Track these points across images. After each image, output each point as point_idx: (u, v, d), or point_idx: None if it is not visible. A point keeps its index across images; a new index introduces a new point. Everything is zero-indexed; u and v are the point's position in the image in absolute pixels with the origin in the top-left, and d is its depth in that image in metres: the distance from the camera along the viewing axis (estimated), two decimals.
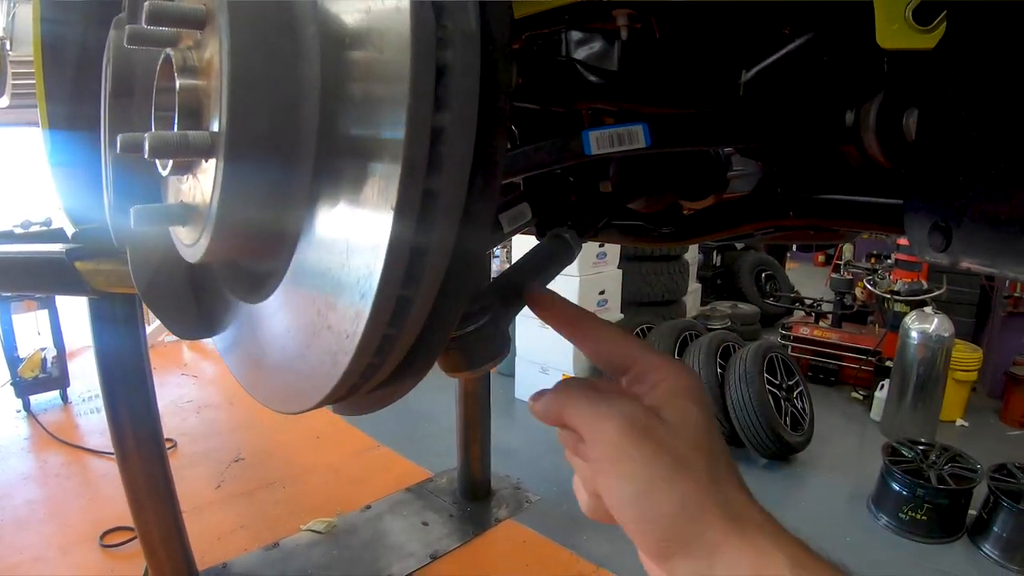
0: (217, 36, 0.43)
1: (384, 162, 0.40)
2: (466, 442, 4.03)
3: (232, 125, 0.42)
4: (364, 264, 0.41)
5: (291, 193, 0.46)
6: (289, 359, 0.54)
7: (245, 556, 3.42)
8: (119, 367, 2.49)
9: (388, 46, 0.38)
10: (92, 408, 5.75)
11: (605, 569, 3.40)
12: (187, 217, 0.51)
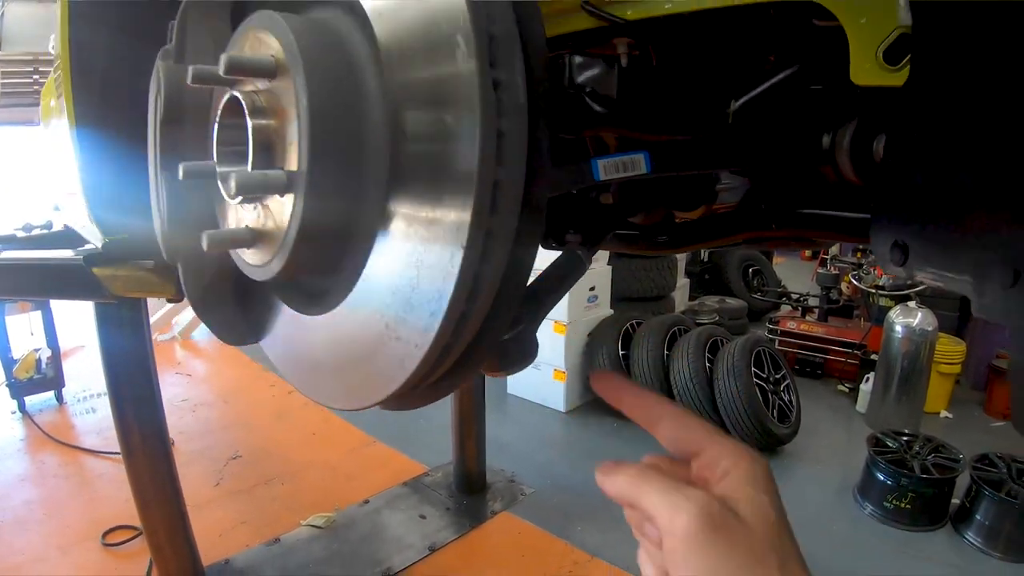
0: (291, 87, 0.51)
1: (455, 208, 0.48)
2: (461, 437, 4.09)
3: (312, 168, 0.50)
4: (435, 289, 0.49)
5: (359, 227, 0.54)
6: (354, 363, 0.62)
7: (247, 552, 3.48)
8: (125, 368, 2.53)
9: (457, 112, 0.47)
10: (87, 408, 5.77)
11: (599, 558, 3.47)
12: (254, 242, 0.59)
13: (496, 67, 0.45)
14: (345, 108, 0.51)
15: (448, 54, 0.46)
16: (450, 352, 0.52)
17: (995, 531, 3.68)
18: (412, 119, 0.50)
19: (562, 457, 4.87)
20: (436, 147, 0.48)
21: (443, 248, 0.48)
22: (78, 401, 5.92)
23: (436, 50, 0.47)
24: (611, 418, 5.35)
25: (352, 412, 5.07)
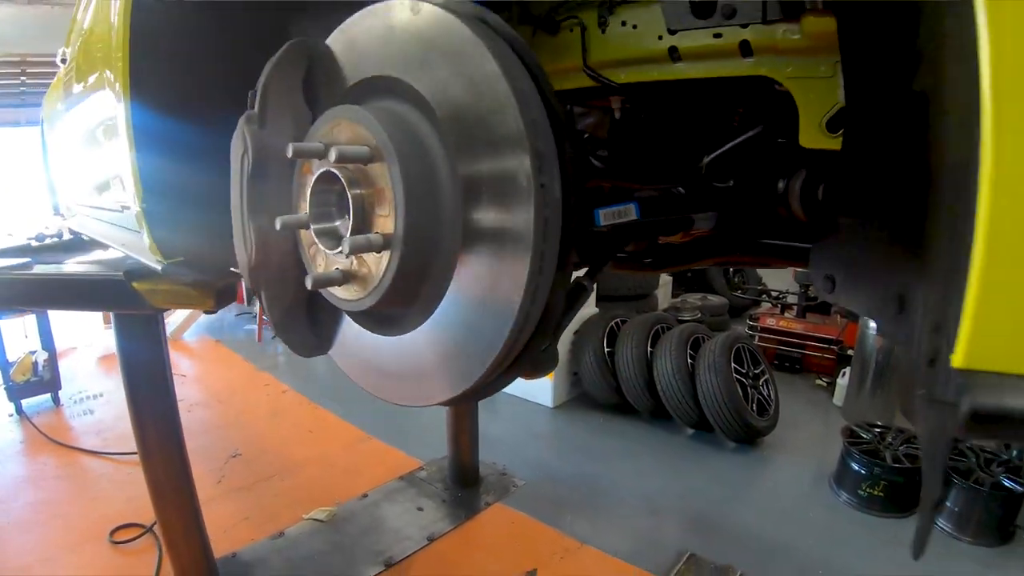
0: (385, 171, 0.69)
1: (514, 267, 0.67)
2: (455, 432, 4.24)
3: (406, 234, 0.68)
4: (498, 324, 0.68)
5: (438, 276, 0.73)
6: (427, 371, 0.80)
7: (253, 545, 3.59)
8: (142, 371, 2.65)
9: (515, 202, 0.66)
10: (85, 410, 5.81)
11: (588, 545, 3.63)
12: (345, 281, 0.76)
13: (542, 173, 0.64)
14: (427, 190, 0.70)
15: (508, 159, 0.65)
16: (503, 365, 0.71)
17: (964, 517, 3.80)
18: (479, 201, 0.69)
19: (551, 450, 5.02)
20: (498, 223, 0.67)
21: (505, 296, 0.67)
22: (74, 403, 5.96)
23: (498, 153, 0.66)
24: (597, 413, 5.52)
25: (347, 410, 5.23)
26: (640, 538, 3.73)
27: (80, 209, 2.89)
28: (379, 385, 0.91)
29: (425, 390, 0.82)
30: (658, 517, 3.98)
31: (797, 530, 3.86)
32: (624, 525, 3.87)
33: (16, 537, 3.79)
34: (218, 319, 9.33)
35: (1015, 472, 3.81)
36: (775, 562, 3.49)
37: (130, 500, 4.13)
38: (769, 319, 7.00)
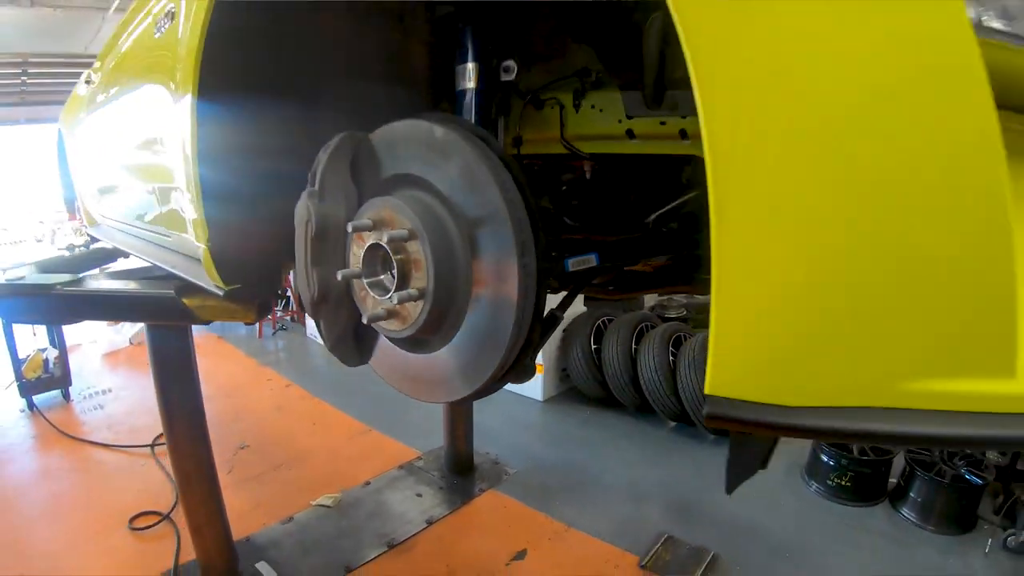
0: (419, 246, 0.99)
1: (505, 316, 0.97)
2: (451, 424, 4.52)
3: (435, 290, 0.98)
4: (498, 346, 0.98)
5: (455, 317, 1.03)
6: (448, 379, 1.09)
7: (265, 530, 3.86)
8: (171, 367, 2.88)
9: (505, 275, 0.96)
10: (95, 405, 6.02)
11: (574, 528, 3.90)
12: (390, 318, 1.06)
13: (524, 256, 0.94)
14: (448, 260, 0.99)
15: (499, 245, 0.95)
16: (497, 376, 1.00)
17: (928, 507, 4.00)
18: (481, 270, 0.99)
19: (540, 441, 5.30)
20: (495, 286, 0.97)
21: (500, 332, 0.97)
22: (84, 399, 6.19)
23: (493, 239, 0.96)
24: (584, 407, 5.81)
25: (347, 404, 5.46)
26: (622, 522, 3.98)
27: (111, 223, 3.12)
28: (412, 388, 1.20)
29: (446, 392, 1.12)
30: (639, 503, 4.24)
31: (768, 516, 4.09)
32: (607, 510, 4.14)
33: (42, 527, 3.99)
34: None
35: (976, 465, 4.03)
36: (747, 544, 3.73)
37: (145, 490, 4.39)
38: None
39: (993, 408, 0.56)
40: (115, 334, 8.11)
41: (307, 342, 8.40)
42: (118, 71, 2.44)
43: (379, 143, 1.17)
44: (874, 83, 0.56)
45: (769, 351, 0.70)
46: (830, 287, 0.64)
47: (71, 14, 9.20)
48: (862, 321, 0.61)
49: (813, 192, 0.62)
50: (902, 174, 0.57)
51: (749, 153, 0.65)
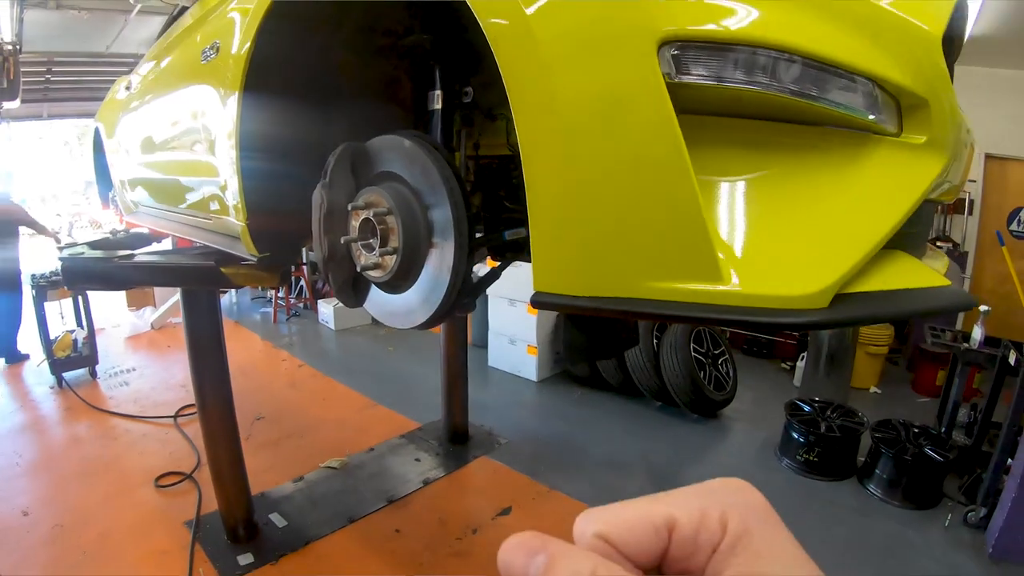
0: (395, 220, 1.42)
1: (446, 263, 1.40)
2: (449, 397, 4.93)
3: (403, 249, 1.41)
4: (444, 285, 1.40)
5: (418, 267, 1.45)
6: (413, 311, 1.52)
7: (278, 487, 4.27)
8: (202, 338, 3.28)
9: (448, 236, 1.38)
10: (121, 382, 6.47)
11: (556, 491, 4.28)
12: (375, 269, 1.50)
13: (459, 225, 1.36)
14: (413, 229, 1.42)
15: (444, 218, 1.38)
16: (445, 307, 1.43)
17: (893, 483, 4.22)
18: (433, 234, 1.42)
19: (532, 416, 5.71)
20: (440, 244, 1.40)
21: (445, 277, 1.39)
22: (110, 376, 6.63)
23: (441, 214, 1.39)
24: (575, 387, 6.22)
25: (355, 382, 5.88)
26: (602, 487, 4.38)
27: (149, 210, 3.57)
28: (391, 319, 1.62)
29: (413, 319, 1.53)
30: (619, 471, 4.62)
31: None
32: (589, 476, 4.52)
33: (75, 486, 4.38)
34: (235, 303, 10.01)
35: (940, 445, 4.30)
36: None
37: (169, 455, 4.81)
38: None
39: (708, 300, 0.94)
40: (137, 319, 8.59)
41: (319, 327, 8.83)
42: (162, 83, 2.86)
43: (370, 149, 1.60)
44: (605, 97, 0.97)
45: (564, 264, 1.08)
46: (596, 225, 1.02)
47: (95, 16, 9.59)
48: (618, 247, 0.99)
49: (579, 168, 1.01)
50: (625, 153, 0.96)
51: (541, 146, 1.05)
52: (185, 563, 3.48)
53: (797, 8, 0.95)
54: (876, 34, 0.97)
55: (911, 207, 0.99)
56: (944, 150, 1.04)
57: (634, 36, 0.94)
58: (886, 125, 1.01)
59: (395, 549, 3.64)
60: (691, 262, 0.96)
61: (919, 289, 1.04)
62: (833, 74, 0.96)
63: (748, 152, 1.01)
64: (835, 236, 0.96)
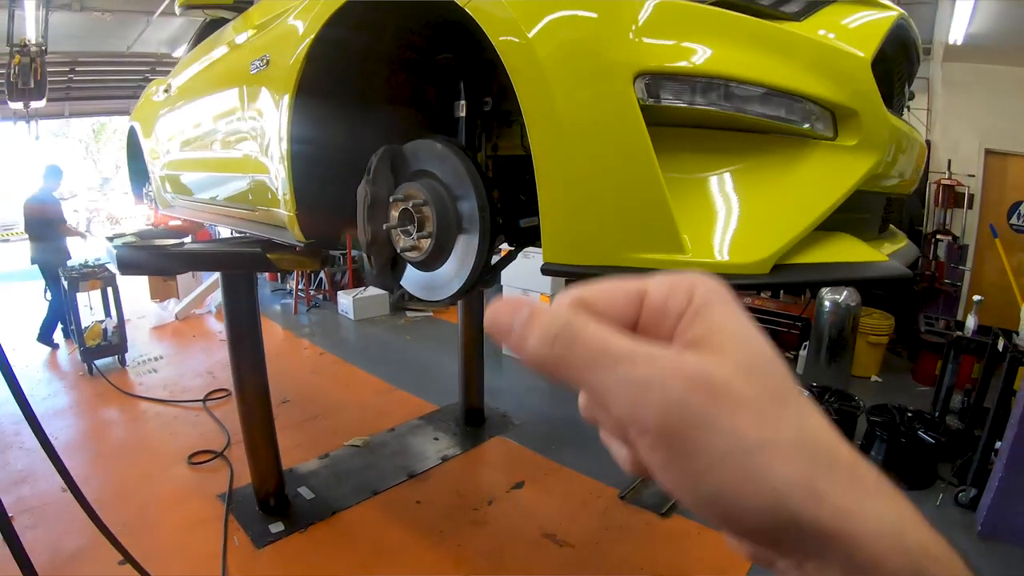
0: (431, 209, 1.69)
1: (473, 249, 1.67)
2: (466, 381, 5.20)
3: (437, 234, 1.68)
4: (469, 265, 1.68)
5: (449, 249, 1.72)
6: (445, 284, 1.79)
7: (305, 463, 4.55)
8: (241, 320, 3.53)
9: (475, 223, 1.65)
10: (149, 369, 6.76)
11: (566, 467, 4.53)
12: (413, 251, 1.77)
13: (483, 212, 1.63)
14: (445, 217, 1.68)
15: (470, 207, 1.65)
16: (470, 283, 1.70)
17: (887, 465, 4.37)
18: (461, 221, 1.69)
19: (544, 400, 5.94)
20: (468, 230, 1.66)
21: (471, 255, 1.66)
22: (138, 364, 6.92)
23: (467, 204, 1.66)
24: None
25: (375, 368, 6.13)
26: (609, 465, 4.46)
27: (187, 203, 3.83)
28: (424, 292, 1.88)
29: (444, 291, 1.79)
30: None
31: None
32: (597, 455, 4.61)
33: (113, 463, 4.66)
34: None
35: (932, 428, 4.50)
36: None
37: (200, 435, 5.07)
38: (745, 298, 7.52)
39: (676, 267, 1.20)
40: (162, 310, 8.90)
41: (338, 318, 9.13)
42: (204, 88, 3.12)
43: (407, 151, 1.88)
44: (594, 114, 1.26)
45: (567, 240, 1.35)
46: (589, 210, 1.29)
47: (118, 17, 9.87)
48: (606, 227, 1.27)
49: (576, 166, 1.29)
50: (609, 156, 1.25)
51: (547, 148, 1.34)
52: (220, 532, 3.73)
53: (743, 46, 1.26)
54: (811, 61, 1.27)
55: (842, 196, 1.27)
56: (875, 151, 1.32)
57: (616, 70, 1.24)
58: (822, 132, 1.29)
59: (416, 519, 3.91)
60: (660, 238, 1.24)
61: (854, 262, 1.32)
62: (772, 95, 1.25)
63: (706, 155, 1.30)
64: (775, 219, 1.24)
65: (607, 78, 1.25)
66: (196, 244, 3.09)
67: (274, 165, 2.21)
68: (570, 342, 0.34)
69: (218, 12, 2.86)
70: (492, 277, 1.93)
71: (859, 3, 1.46)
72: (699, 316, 0.35)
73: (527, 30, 1.32)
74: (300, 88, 2.02)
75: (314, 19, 1.97)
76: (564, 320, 0.34)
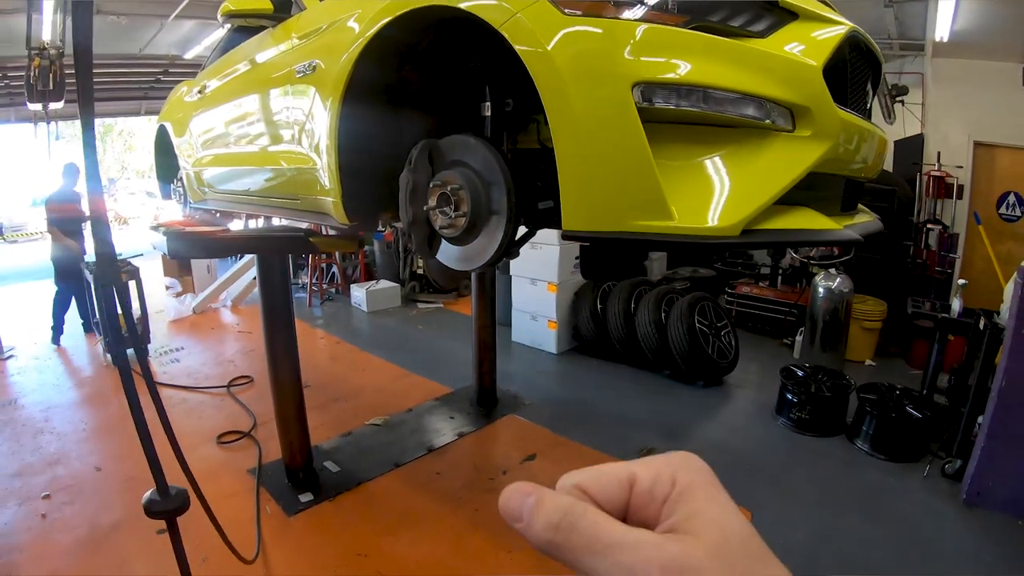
0: (466, 193, 1.99)
1: (500, 228, 1.99)
2: (479, 364, 5.49)
3: (472, 215, 1.99)
4: (497, 240, 1.99)
5: (481, 226, 2.03)
6: (478, 254, 2.10)
7: (329, 440, 4.83)
8: (276, 301, 3.76)
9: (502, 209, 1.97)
10: (172, 359, 7.02)
11: (573, 441, 4.83)
12: (449, 227, 2.07)
13: (510, 196, 1.93)
14: (477, 200, 1.99)
15: (498, 191, 1.96)
16: (499, 254, 2.01)
17: (877, 439, 4.68)
18: (490, 206, 2.00)
19: (553, 383, 6.27)
20: (497, 213, 1.98)
21: (499, 229, 1.97)
22: (160, 355, 7.18)
23: (496, 189, 1.97)
24: (591, 358, 6.84)
25: (391, 355, 6.45)
26: (615, 439, 4.91)
27: (221, 196, 4.10)
28: (459, 262, 2.18)
29: (477, 261, 2.09)
30: (630, 426, 5.16)
31: (737, 439, 4.99)
32: (604, 430, 5.07)
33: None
34: None
35: (920, 404, 4.77)
36: (714, 458, 4.26)
37: (226, 418, 5.33)
38: (744, 287, 8.01)
39: (666, 231, 1.55)
40: (180, 304, 9.19)
41: (351, 310, 9.44)
42: (244, 90, 3.41)
43: (443, 144, 2.19)
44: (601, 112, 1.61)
45: (581, 211, 1.67)
46: (599, 187, 1.63)
47: (134, 20, 10.11)
48: (613, 200, 1.60)
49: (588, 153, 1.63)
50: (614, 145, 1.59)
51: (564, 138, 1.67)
52: (252, 503, 4.00)
53: (718, 60, 1.61)
54: (771, 70, 1.63)
55: (799, 175, 1.62)
56: (827, 140, 1.67)
57: (618, 79, 1.59)
58: (782, 125, 1.64)
59: (437, 488, 4.20)
60: (654, 209, 1.59)
61: (811, 229, 1.66)
62: (740, 98, 1.60)
63: (691, 145, 1.65)
64: (744, 193, 1.59)
65: (611, 85, 1.59)
66: (239, 231, 3.36)
67: (321, 157, 2.51)
68: (569, 530, 0.38)
69: (259, 21, 3.14)
70: (516, 250, 2.25)
71: (816, 21, 1.80)
72: (680, 501, 0.40)
73: (546, 43, 1.66)
74: (348, 91, 2.33)
75: (360, 33, 2.29)
76: (565, 508, 0.39)
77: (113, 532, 3.69)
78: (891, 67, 8.35)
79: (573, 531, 0.38)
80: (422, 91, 2.50)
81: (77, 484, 4.26)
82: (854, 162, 1.95)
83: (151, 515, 2.01)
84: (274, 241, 3.14)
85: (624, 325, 6.44)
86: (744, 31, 1.71)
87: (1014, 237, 7.68)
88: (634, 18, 1.65)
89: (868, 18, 7.66)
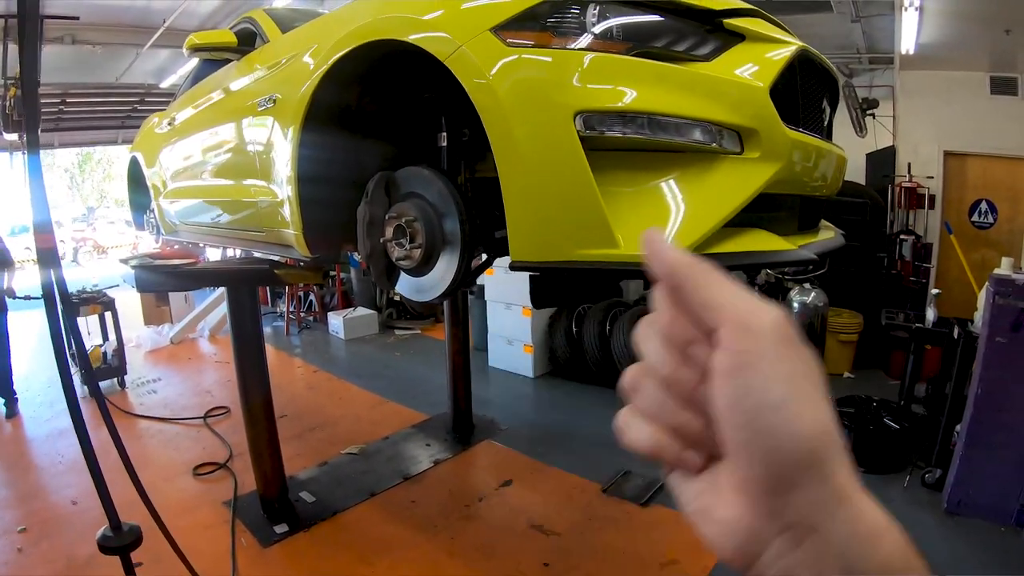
0: (419, 224, 2.00)
1: (456, 259, 1.99)
2: (454, 390, 5.47)
3: (426, 246, 1.99)
4: (451, 270, 1.99)
5: (436, 257, 2.03)
6: (434, 286, 2.09)
7: (305, 470, 4.80)
8: (246, 332, 3.76)
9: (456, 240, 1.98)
10: (149, 391, 6.94)
11: (551, 466, 4.82)
12: (406, 260, 2.08)
13: (464, 226, 1.94)
14: (432, 233, 2.00)
15: (453, 223, 1.96)
16: (454, 284, 2.01)
17: (859, 451, 4.62)
18: (444, 238, 2.00)
19: (529, 407, 6.28)
20: (451, 243, 1.98)
21: (454, 261, 1.97)
22: (137, 386, 7.09)
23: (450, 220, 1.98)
24: (567, 380, 6.84)
25: (367, 383, 6.41)
26: (592, 463, 4.85)
27: (192, 228, 4.09)
28: (415, 293, 2.18)
29: (433, 292, 2.08)
30: (607, 450, 5.01)
31: None
32: (580, 454, 5.03)
33: (118, 478, 4.48)
34: None
35: (898, 415, 4.82)
36: None
37: (203, 450, 5.28)
38: None
39: (612, 259, 1.54)
40: (157, 335, 9.11)
41: (329, 337, 9.41)
42: (210, 122, 3.41)
43: (399, 176, 2.19)
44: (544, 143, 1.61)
45: (528, 242, 1.66)
46: (544, 218, 1.63)
47: (109, 50, 10.14)
48: (558, 231, 1.60)
49: (532, 184, 1.62)
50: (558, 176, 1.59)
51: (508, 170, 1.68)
52: (227, 535, 3.96)
53: (661, 86, 1.61)
54: (716, 93, 1.62)
55: (748, 198, 1.61)
56: (777, 161, 1.66)
57: (559, 110, 1.58)
58: (730, 148, 1.63)
59: (412, 516, 4.18)
60: (599, 237, 1.57)
61: (764, 250, 1.66)
62: (685, 123, 1.59)
63: (637, 172, 1.63)
64: (692, 218, 1.57)
65: (552, 115, 1.59)
66: (206, 264, 3.35)
67: (281, 189, 2.51)
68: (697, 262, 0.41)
69: (224, 54, 3.16)
70: (472, 279, 2.24)
71: (764, 41, 1.80)
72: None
73: (488, 74, 1.67)
74: (306, 123, 2.33)
75: (316, 66, 2.30)
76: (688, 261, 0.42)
77: (88, 566, 3.65)
78: (862, 80, 8.51)
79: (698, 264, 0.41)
80: (381, 122, 2.51)
81: (54, 517, 4.23)
82: (811, 181, 1.95)
83: (104, 551, 1.98)
84: (239, 274, 3.14)
85: (600, 347, 6.45)
86: (689, 55, 1.71)
87: (987, 244, 7.75)
88: (577, 48, 1.66)
89: (837, 33, 7.83)
